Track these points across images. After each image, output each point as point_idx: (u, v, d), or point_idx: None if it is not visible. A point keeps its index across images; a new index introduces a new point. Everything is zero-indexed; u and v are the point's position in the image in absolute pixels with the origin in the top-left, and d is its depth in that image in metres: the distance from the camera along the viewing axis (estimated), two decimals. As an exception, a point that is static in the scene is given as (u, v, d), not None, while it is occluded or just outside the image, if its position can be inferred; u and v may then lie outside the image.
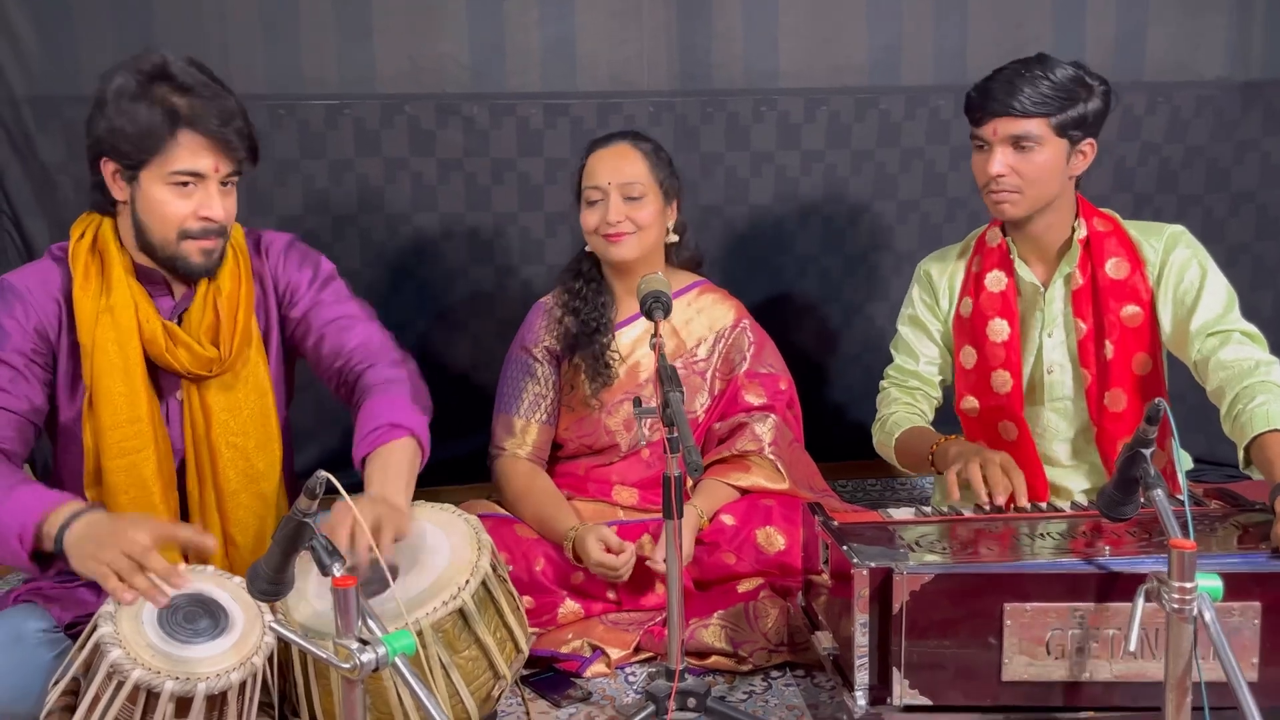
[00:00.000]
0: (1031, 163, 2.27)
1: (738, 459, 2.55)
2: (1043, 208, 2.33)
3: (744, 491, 2.53)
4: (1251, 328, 2.27)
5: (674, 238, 2.58)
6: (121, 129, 1.95)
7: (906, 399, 2.53)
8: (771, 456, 2.53)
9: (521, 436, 2.58)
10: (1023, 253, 2.42)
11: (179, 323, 2.09)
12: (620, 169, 2.45)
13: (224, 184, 2.02)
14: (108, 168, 2.01)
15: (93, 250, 2.06)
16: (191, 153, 1.96)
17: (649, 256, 2.53)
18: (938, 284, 2.53)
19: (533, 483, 2.54)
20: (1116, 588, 1.80)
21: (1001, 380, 2.42)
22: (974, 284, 2.46)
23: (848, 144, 3.23)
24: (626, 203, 2.44)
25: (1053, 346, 2.43)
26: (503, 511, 2.53)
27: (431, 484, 2.46)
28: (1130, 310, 2.35)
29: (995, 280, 2.43)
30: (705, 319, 2.64)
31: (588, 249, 2.56)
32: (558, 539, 2.43)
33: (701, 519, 2.45)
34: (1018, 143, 2.26)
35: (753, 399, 2.59)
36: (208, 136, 1.96)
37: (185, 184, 1.98)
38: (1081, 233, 2.37)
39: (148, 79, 1.95)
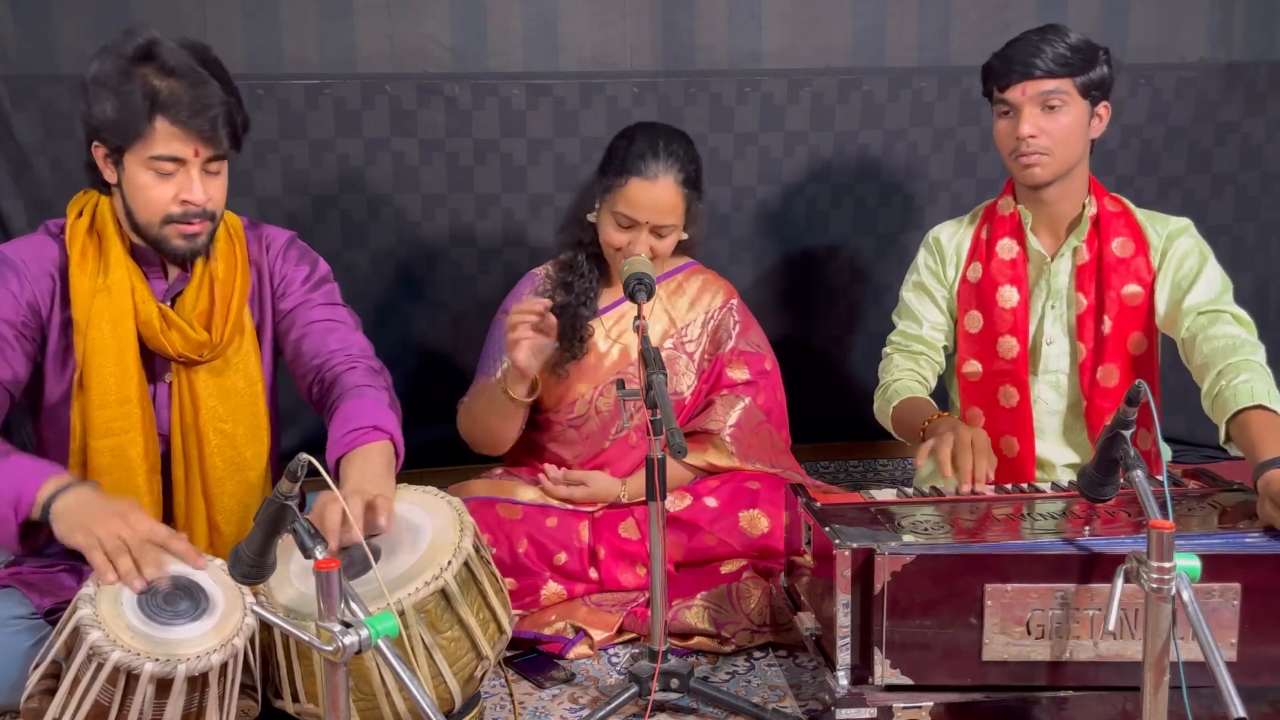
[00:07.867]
0: (1059, 123, 2.31)
1: (701, 434, 2.58)
2: (1065, 173, 2.37)
3: (697, 470, 2.56)
4: (1243, 313, 2.30)
5: (684, 236, 2.52)
6: (103, 113, 1.93)
7: (910, 365, 2.53)
8: (728, 439, 2.55)
9: None
10: (1034, 224, 2.45)
11: (172, 305, 2.07)
12: (659, 209, 2.41)
13: (209, 168, 1.99)
14: (98, 151, 1.99)
15: (90, 229, 2.05)
16: (169, 138, 1.93)
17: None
18: (946, 249, 2.55)
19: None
20: (1097, 568, 1.82)
21: (1008, 346, 2.44)
22: (984, 250, 2.48)
23: (831, 126, 3.23)
24: (654, 236, 2.43)
25: (1053, 319, 2.46)
26: (486, 495, 2.53)
27: (414, 467, 2.45)
28: (1131, 289, 2.38)
29: (1006, 248, 2.45)
30: (697, 299, 2.66)
31: (590, 218, 2.51)
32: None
33: (621, 497, 2.51)
34: (1045, 102, 2.30)
35: (737, 374, 2.61)
36: (183, 125, 1.93)
37: (166, 168, 1.96)
38: (1092, 209, 2.41)
39: (132, 61, 1.93)
